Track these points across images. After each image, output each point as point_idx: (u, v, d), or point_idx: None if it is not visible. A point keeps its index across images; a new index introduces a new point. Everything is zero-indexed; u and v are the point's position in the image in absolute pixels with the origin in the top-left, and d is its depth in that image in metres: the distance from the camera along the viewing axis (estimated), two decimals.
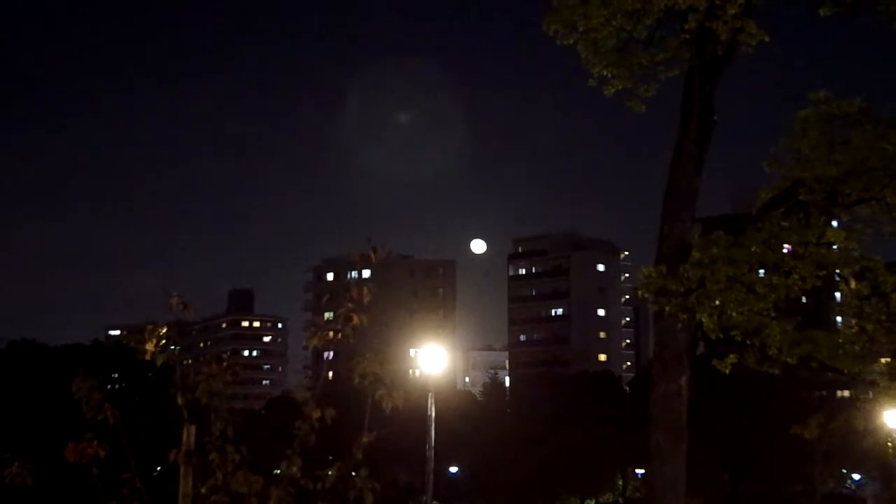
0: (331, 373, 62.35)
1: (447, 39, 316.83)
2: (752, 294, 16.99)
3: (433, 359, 42.41)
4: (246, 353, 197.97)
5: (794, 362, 17.57)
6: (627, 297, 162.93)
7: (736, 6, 16.82)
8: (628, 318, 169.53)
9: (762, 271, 17.49)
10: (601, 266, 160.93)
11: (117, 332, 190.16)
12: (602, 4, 17.74)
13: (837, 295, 21.97)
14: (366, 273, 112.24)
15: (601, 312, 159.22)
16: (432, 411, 39.40)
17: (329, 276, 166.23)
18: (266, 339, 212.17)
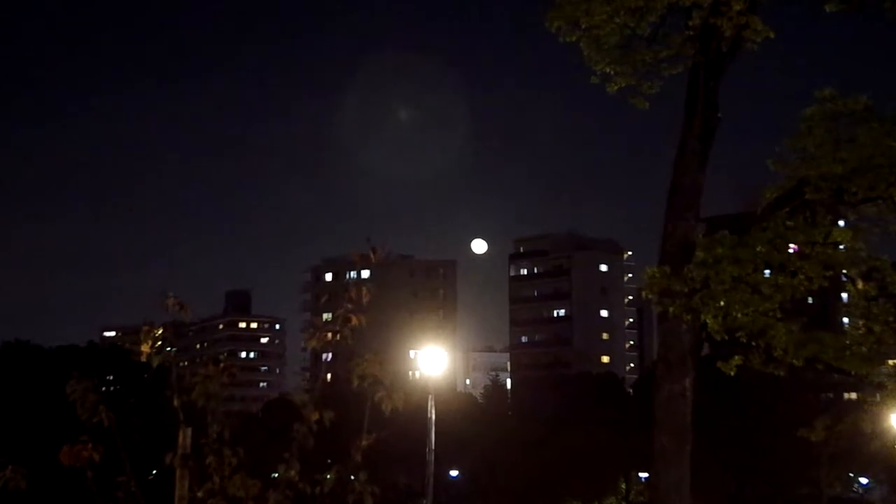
0: (329, 375, 62.37)
1: (447, 39, 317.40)
2: (757, 294, 16.99)
3: (433, 360, 42.43)
4: (243, 354, 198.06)
5: (800, 364, 17.56)
6: (631, 297, 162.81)
7: (741, 2, 16.83)
8: (631, 319, 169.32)
9: (768, 271, 17.48)
10: (604, 266, 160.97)
11: (112, 333, 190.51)
12: (605, 1, 17.74)
13: (844, 295, 22.01)
14: (365, 273, 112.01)
15: (604, 313, 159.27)
16: (432, 414, 39.42)
17: (328, 277, 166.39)
18: (264, 340, 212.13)
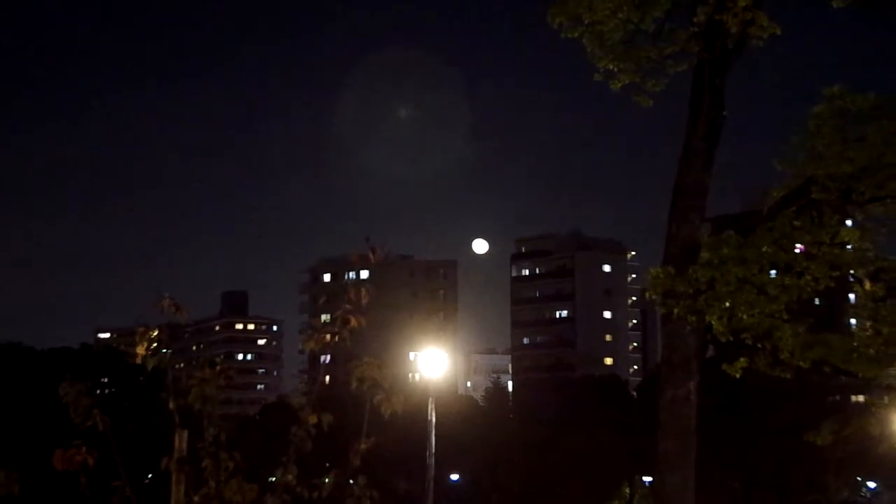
0: (327, 377, 62.40)
1: (447, 39, 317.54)
2: (763, 296, 16.98)
3: (434, 362, 42.45)
4: (240, 356, 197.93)
5: (806, 366, 17.56)
6: (634, 298, 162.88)
7: None
8: (635, 321, 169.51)
9: (774, 272, 17.48)
10: (607, 267, 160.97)
11: (107, 334, 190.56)
12: None
13: (851, 297, 21.93)
14: (364, 274, 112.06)
15: (607, 315, 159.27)
16: (433, 417, 39.43)
17: (326, 277, 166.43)
18: (261, 342, 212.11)
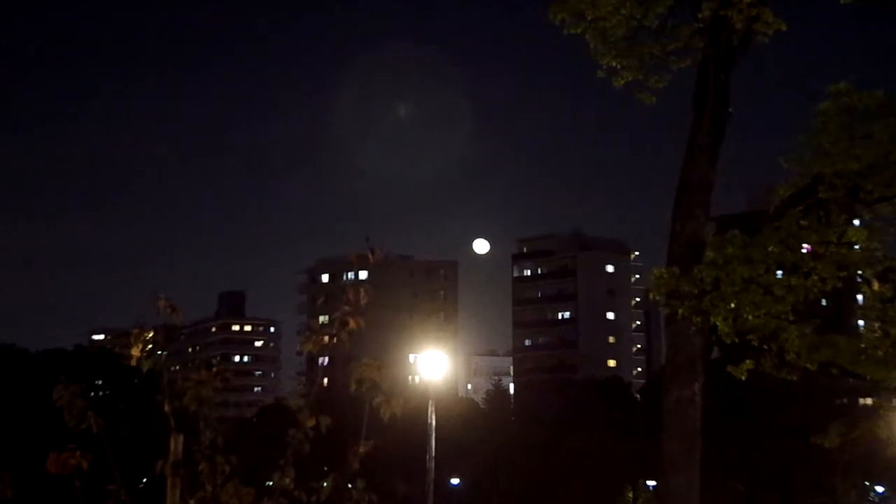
0: (326, 379, 62.37)
1: (448, 38, 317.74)
2: (769, 296, 16.98)
3: (434, 364, 42.42)
4: (237, 358, 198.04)
5: (813, 368, 17.56)
6: (638, 299, 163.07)
7: None
8: (639, 322, 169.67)
9: (780, 272, 17.48)
10: (610, 267, 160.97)
11: (101, 336, 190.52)
12: None
13: (859, 297, 21.96)
14: (363, 274, 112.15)
15: (610, 315, 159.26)
16: (433, 420, 39.41)
17: (324, 278, 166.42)
18: (258, 343, 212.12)
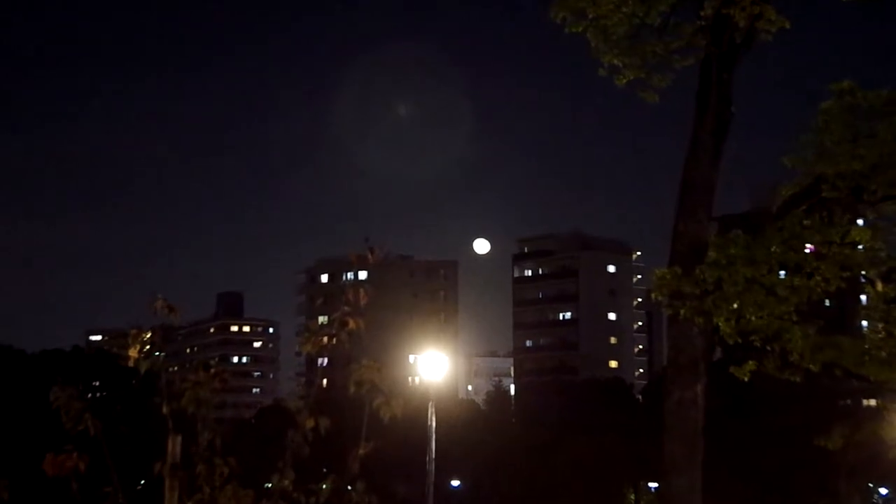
0: (325, 380, 62.36)
1: (448, 37, 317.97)
2: (772, 297, 16.97)
3: (434, 365, 42.42)
4: (235, 359, 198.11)
5: (816, 369, 17.55)
6: (640, 299, 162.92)
7: None
8: (640, 323, 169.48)
9: (783, 272, 17.47)
10: (611, 267, 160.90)
11: (98, 337, 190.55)
12: None
13: (863, 298, 21.93)
14: (363, 274, 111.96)
15: (612, 316, 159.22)
16: (433, 421, 39.40)
17: (323, 278, 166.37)
18: (256, 344, 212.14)
